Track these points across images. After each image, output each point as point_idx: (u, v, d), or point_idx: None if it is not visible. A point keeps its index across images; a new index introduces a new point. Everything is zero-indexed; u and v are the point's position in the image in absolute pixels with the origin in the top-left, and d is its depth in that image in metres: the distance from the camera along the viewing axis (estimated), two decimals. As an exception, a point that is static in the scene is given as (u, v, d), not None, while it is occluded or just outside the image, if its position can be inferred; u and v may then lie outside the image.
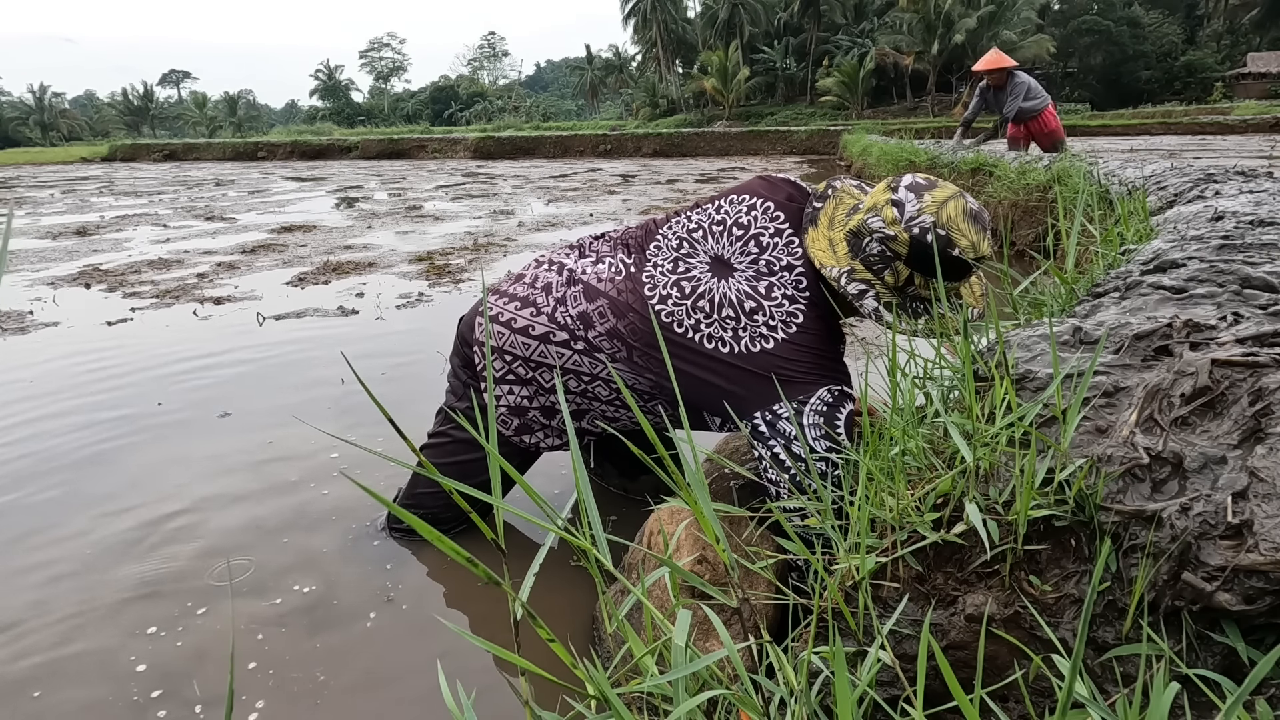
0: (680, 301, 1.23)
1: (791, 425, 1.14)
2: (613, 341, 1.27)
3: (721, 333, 1.19)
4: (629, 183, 11.39)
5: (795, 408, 1.14)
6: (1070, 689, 0.50)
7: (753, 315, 1.19)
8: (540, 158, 21.21)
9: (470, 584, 1.44)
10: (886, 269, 1.16)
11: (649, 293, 1.26)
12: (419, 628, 1.30)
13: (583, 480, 0.61)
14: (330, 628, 1.30)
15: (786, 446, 1.13)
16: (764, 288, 1.21)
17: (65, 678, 1.19)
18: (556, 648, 0.58)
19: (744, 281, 1.22)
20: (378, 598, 1.39)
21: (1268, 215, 1.50)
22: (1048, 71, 37.68)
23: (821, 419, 1.14)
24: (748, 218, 1.29)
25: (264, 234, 6.39)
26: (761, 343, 1.18)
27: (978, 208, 1.14)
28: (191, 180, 14.71)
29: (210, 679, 1.18)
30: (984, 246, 1.13)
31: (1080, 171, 3.73)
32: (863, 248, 1.17)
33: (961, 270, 1.14)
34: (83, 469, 1.94)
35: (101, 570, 1.48)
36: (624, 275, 1.30)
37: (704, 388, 1.22)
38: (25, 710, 1.12)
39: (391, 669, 1.20)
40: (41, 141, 58.91)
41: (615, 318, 1.27)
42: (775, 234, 1.26)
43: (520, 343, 1.34)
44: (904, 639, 0.75)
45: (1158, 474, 0.65)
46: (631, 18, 49.34)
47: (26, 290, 4.21)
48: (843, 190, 1.28)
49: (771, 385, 1.15)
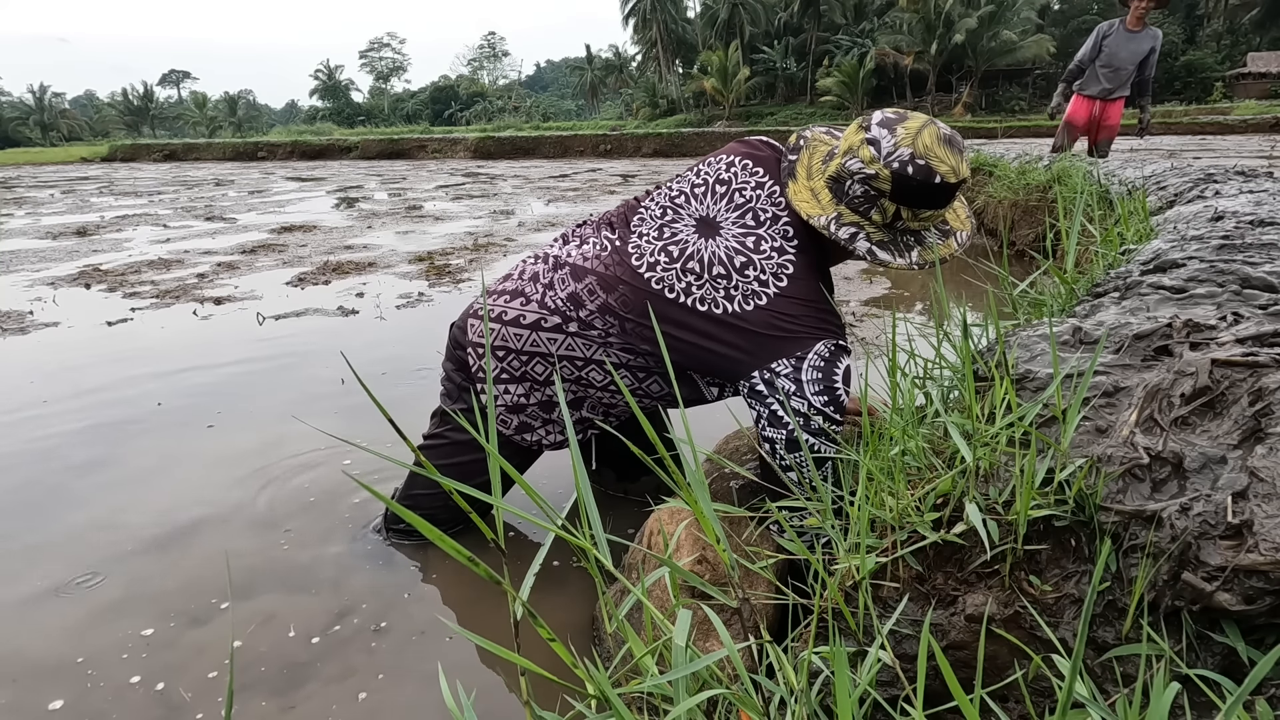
0: (669, 266, 1.22)
1: (790, 381, 1.14)
2: (604, 318, 1.27)
3: (714, 293, 1.18)
4: (629, 183, 11.39)
5: (793, 364, 1.14)
6: (1070, 689, 0.50)
7: (744, 271, 1.18)
8: (540, 158, 21.21)
9: (469, 585, 1.44)
10: (873, 208, 1.15)
11: (636, 262, 1.25)
12: (418, 627, 1.30)
13: (583, 480, 0.60)
14: (330, 627, 1.30)
15: (785, 403, 1.12)
16: (752, 242, 1.20)
17: (61, 678, 1.19)
18: (557, 647, 0.58)
19: (732, 239, 1.21)
20: (377, 597, 1.38)
21: (1268, 215, 1.50)
22: (1048, 71, 37.67)
23: (819, 374, 1.14)
24: (728, 174, 1.28)
25: (264, 234, 6.39)
26: (755, 300, 1.17)
27: (950, 132, 1.15)
28: (191, 180, 14.71)
29: (210, 679, 1.18)
30: (963, 169, 1.14)
31: (1080, 171, 3.73)
32: (845, 191, 1.17)
33: (947, 195, 1.15)
34: (82, 469, 1.94)
35: (101, 570, 1.48)
36: (609, 250, 1.29)
37: (701, 352, 1.21)
38: (31, 716, 1.12)
39: (391, 668, 1.20)
40: (41, 142, 58.91)
41: (605, 292, 1.26)
42: (757, 186, 1.26)
43: (512, 334, 1.34)
44: (904, 639, 0.75)
45: (1158, 474, 0.65)
46: (631, 18, 49.35)
47: (26, 290, 4.21)
48: (814, 139, 1.28)
49: (771, 343, 1.15)
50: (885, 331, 2.22)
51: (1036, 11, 37.32)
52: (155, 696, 1.14)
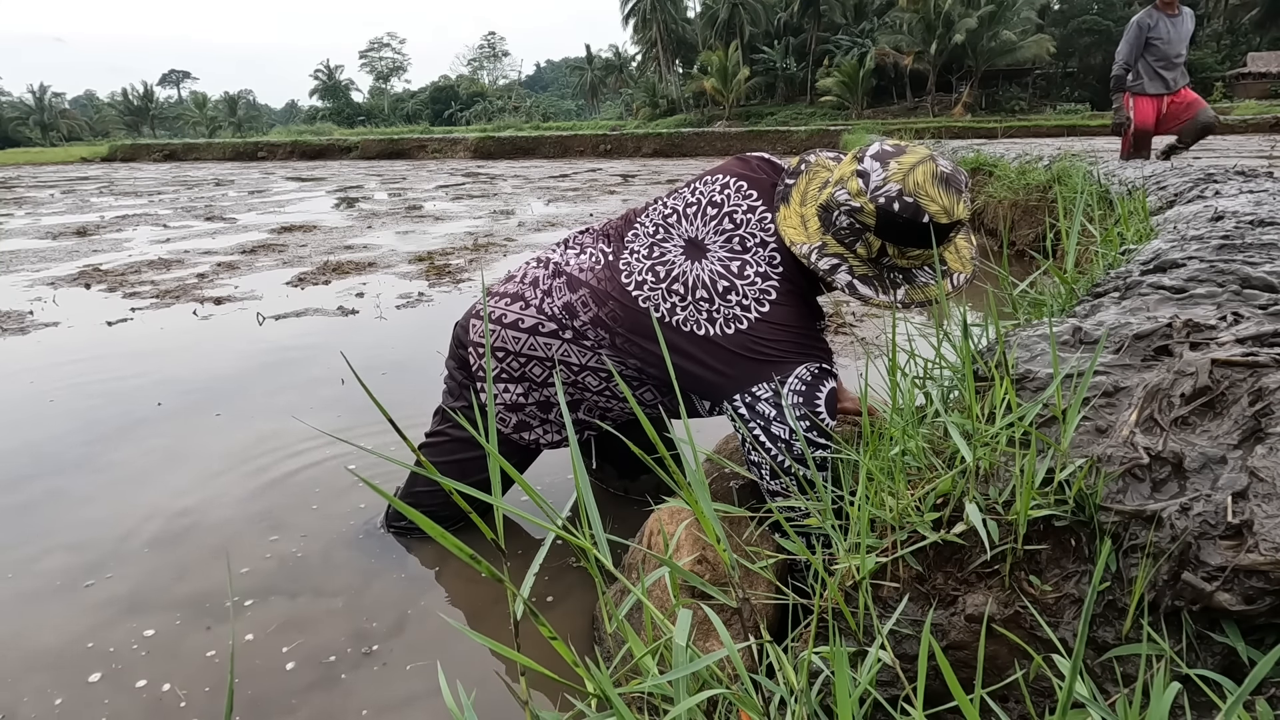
0: (656, 286, 1.23)
1: (771, 406, 1.13)
2: (596, 330, 1.29)
3: (697, 315, 1.19)
4: (629, 183, 11.39)
5: (773, 387, 1.13)
6: (1070, 689, 0.50)
7: (726, 295, 1.18)
8: (540, 158, 21.22)
9: (469, 586, 1.44)
10: (858, 241, 1.13)
11: (625, 280, 1.26)
12: (418, 626, 1.30)
13: (583, 480, 0.61)
14: (328, 626, 1.30)
15: (766, 429, 1.12)
16: (736, 267, 1.20)
17: (61, 679, 1.19)
18: (558, 645, 0.58)
19: (717, 262, 1.21)
20: (377, 596, 1.39)
21: (1268, 215, 1.50)
22: (1048, 71, 37.68)
23: (800, 398, 1.12)
24: (720, 195, 1.27)
25: (264, 234, 6.39)
26: (735, 324, 1.16)
27: (950, 169, 1.09)
28: (191, 180, 14.71)
29: (209, 679, 1.18)
30: (959, 210, 1.09)
31: (1080, 171, 3.73)
32: (833, 221, 1.14)
33: (939, 234, 1.10)
34: (82, 469, 1.94)
35: (101, 570, 1.48)
36: (602, 264, 1.30)
37: (681, 372, 1.21)
38: (15, 715, 1.12)
39: (390, 668, 1.20)
40: (41, 142, 58.88)
41: (597, 306, 1.27)
42: (749, 210, 1.24)
43: (511, 337, 1.35)
44: (904, 639, 0.75)
45: (1158, 474, 0.65)
46: (631, 18, 49.35)
47: (26, 290, 4.21)
48: (817, 164, 1.26)
49: (749, 366, 1.14)
50: (885, 331, 2.22)
51: (1036, 11, 37.30)
52: (156, 696, 1.14)
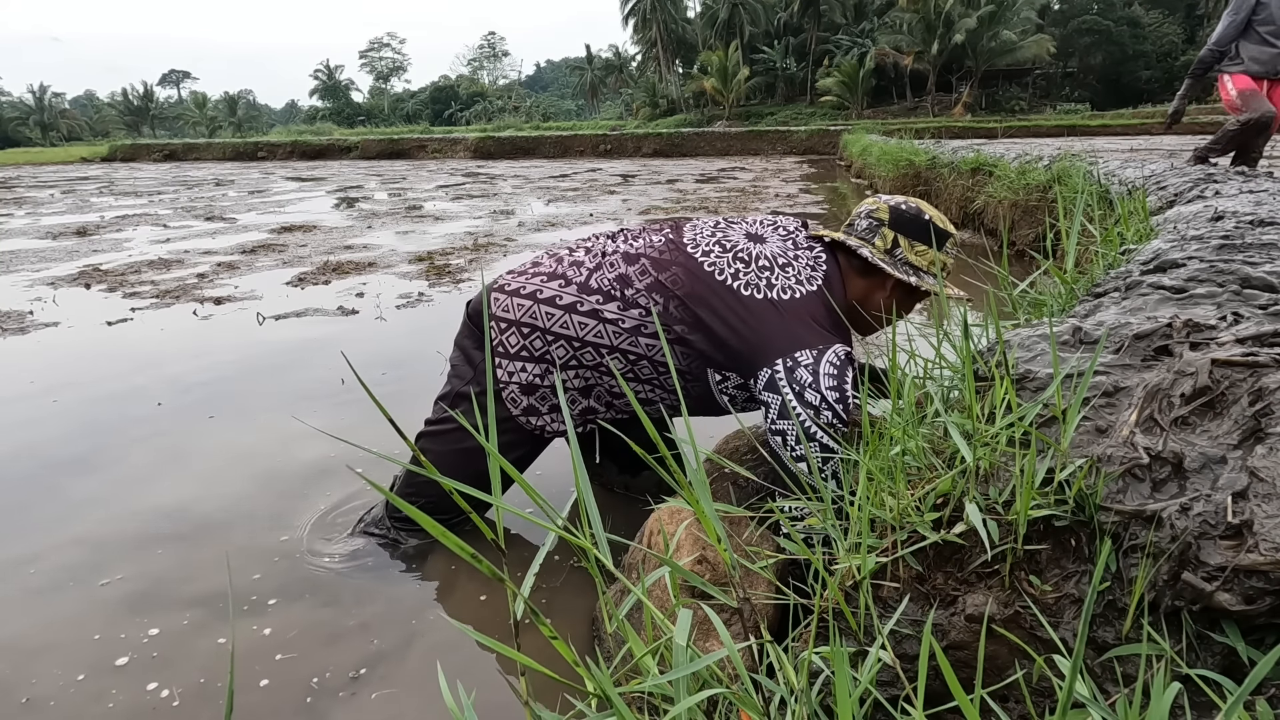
0: (722, 254, 1.38)
1: (809, 373, 1.23)
2: (649, 295, 1.36)
3: (758, 280, 1.34)
4: (629, 183, 11.39)
5: (814, 355, 1.24)
6: (1071, 689, 0.50)
7: (785, 269, 1.36)
8: (540, 158, 21.23)
9: (468, 586, 1.44)
10: (875, 235, 1.38)
11: (692, 249, 1.39)
12: (417, 626, 1.30)
13: (583, 479, 0.61)
14: (328, 625, 1.30)
15: (800, 394, 1.21)
16: (792, 254, 1.39)
17: (62, 677, 1.19)
18: (559, 645, 0.58)
19: (775, 247, 1.40)
20: (378, 595, 1.39)
21: (1268, 215, 1.50)
22: (1048, 71, 37.69)
23: (835, 369, 1.24)
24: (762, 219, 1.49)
25: (264, 234, 6.39)
26: (792, 293, 1.32)
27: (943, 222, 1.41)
28: (191, 180, 14.71)
29: (210, 679, 1.18)
30: (950, 229, 1.40)
31: (1080, 171, 3.73)
32: (853, 226, 1.42)
33: (939, 239, 1.37)
34: (81, 469, 1.94)
35: (101, 570, 1.48)
36: (664, 241, 1.43)
37: (735, 333, 1.31)
38: (15, 714, 1.13)
39: (390, 667, 1.20)
40: (41, 141, 58.88)
41: (657, 272, 1.37)
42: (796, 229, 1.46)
43: (544, 312, 1.38)
44: (904, 639, 0.75)
45: (1158, 474, 0.65)
46: (631, 18, 49.31)
47: (26, 290, 4.21)
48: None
49: (798, 331, 1.27)
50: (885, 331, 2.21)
51: (1036, 11, 37.30)
52: (157, 697, 1.14)
